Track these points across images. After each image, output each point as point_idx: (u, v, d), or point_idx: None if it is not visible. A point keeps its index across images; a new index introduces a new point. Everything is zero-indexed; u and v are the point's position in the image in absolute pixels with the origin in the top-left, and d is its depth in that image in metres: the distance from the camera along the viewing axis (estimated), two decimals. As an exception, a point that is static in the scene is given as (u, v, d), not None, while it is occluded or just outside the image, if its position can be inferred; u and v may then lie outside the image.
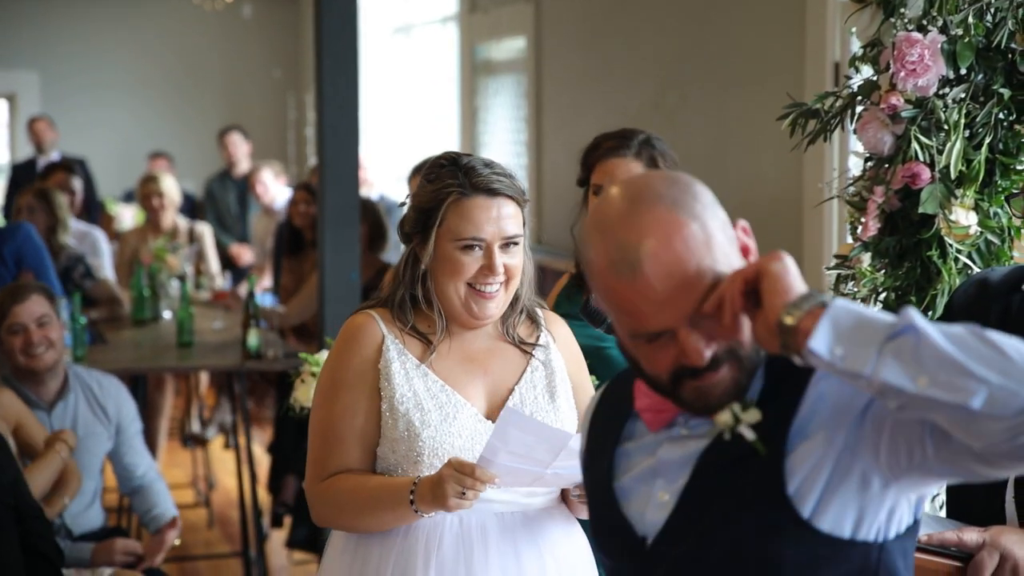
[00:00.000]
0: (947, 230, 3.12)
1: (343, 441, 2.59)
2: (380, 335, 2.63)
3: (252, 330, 5.61)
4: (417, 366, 2.62)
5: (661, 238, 1.75)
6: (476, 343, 2.69)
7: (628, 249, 1.75)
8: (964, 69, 3.13)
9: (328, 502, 2.60)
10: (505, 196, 2.61)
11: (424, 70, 10.26)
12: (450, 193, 2.59)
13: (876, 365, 1.60)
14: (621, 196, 1.81)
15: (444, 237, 2.60)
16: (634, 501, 1.91)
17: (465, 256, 2.59)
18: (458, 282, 2.61)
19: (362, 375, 2.61)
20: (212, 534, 7.10)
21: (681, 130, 5.77)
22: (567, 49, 7.31)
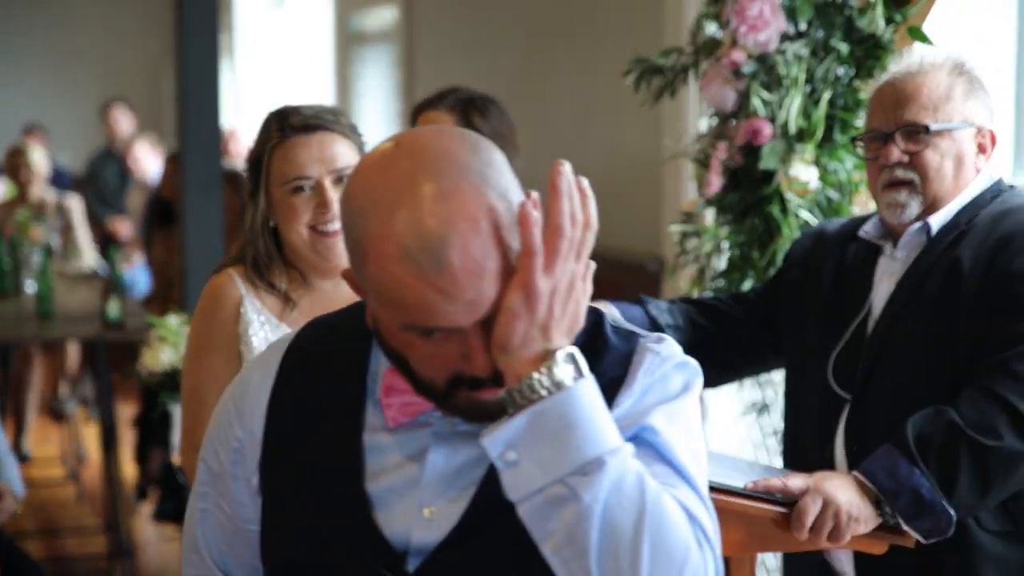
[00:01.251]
0: (788, 185, 3.14)
1: (208, 407, 2.43)
2: (238, 295, 2.53)
3: (112, 300, 5.51)
4: (277, 326, 2.54)
5: (472, 228, 1.44)
6: (338, 295, 2.56)
7: (431, 238, 1.42)
8: (804, 25, 3.15)
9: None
10: (327, 130, 2.52)
11: (299, 41, 10.16)
12: (269, 139, 2.52)
13: (528, 500, 1.43)
14: (412, 160, 1.48)
15: (274, 185, 2.51)
16: (394, 512, 1.58)
17: (296, 199, 2.49)
18: (297, 226, 2.50)
19: (222, 339, 2.53)
20: (81, 509, 6.98)
21: (549, 94, 5.77)
22: (438, 19, 7.28)
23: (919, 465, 2.29)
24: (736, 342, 2.76)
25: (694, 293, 3.36)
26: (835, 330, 2.60)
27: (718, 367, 2.72)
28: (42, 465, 7.61)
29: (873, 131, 2.58)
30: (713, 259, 3.29)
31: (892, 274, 2.57)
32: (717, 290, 3.29)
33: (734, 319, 2.76)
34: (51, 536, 6.43)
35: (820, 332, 2.63)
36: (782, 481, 2.31)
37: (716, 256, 3.29)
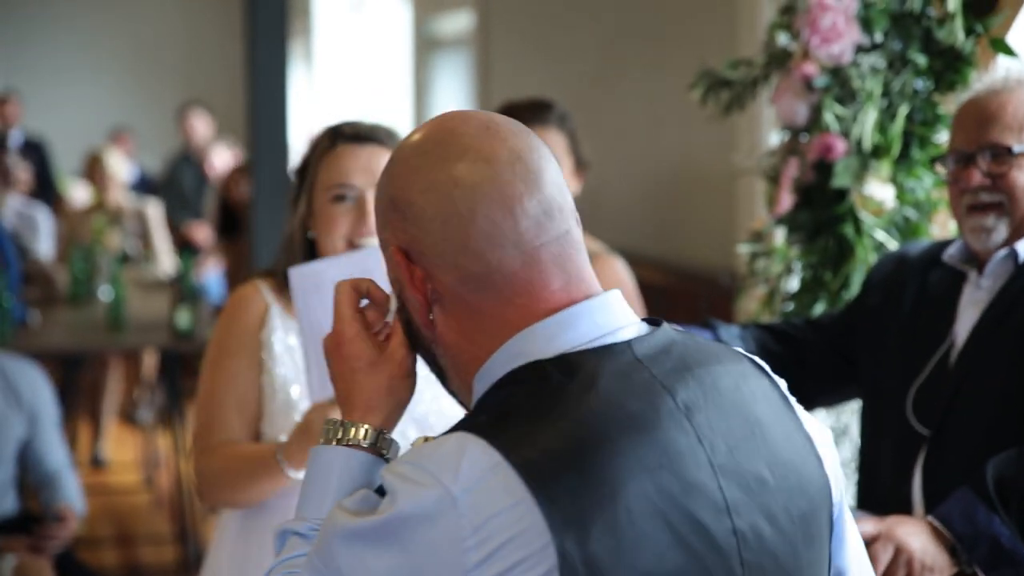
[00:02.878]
0: (862, 204, 3.00)
1: (224, 412, 2.48)
2: (264, 304, 2.51)
3: (182, 310, 5.48)
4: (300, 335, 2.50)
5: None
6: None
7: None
8: (879, 36, 3.01)
9: (206, 475, 2.47)
10: (377, 144, 2.48)
11: (378, 46, 10.14)
12: (319, 146, 2.49)
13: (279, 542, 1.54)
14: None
15: (317, 192, 2.47)
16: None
17: (336, 207, 2.45)
18: (334, 237, 2.45)
19: (243, 344, 2.49)
20: (155, 516, 6.99)
21: (620, 102, 5.67)
22: (512, 24, 7.21)
23: (999, 511, 2.16)
24: (810, 370, 2.60)
25: (763, 315, 3.23)
26: (916, 361, 2.46)
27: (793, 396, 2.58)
28: (119, 471, 7.63)
29: (955, 152, 2.44)
30: (784, 280, 3.15)
31: (977, 303, 2.42)
32: (787, 313, 3.15)
33: (808, 346, 2.62)
34: (125, 544, 6.43)
35: (899, 363, 2.49)
36: (852, 527, 2.19)
37: (786, 277, 3.15)
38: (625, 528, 1.29)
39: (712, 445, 1.37)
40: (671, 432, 1.35)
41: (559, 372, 1.36)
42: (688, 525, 1.32)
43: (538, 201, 1.40)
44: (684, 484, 1.33)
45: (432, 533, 1.28)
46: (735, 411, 1.41)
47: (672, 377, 1.39)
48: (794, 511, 1.41)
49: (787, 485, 1.41)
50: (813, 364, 2.61)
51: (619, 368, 1.37)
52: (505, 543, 1.27)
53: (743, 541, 1.36)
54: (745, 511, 1.37)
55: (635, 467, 1.31)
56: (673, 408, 1.36)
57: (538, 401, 1.34)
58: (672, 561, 1.31)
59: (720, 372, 1.43)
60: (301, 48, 11.96)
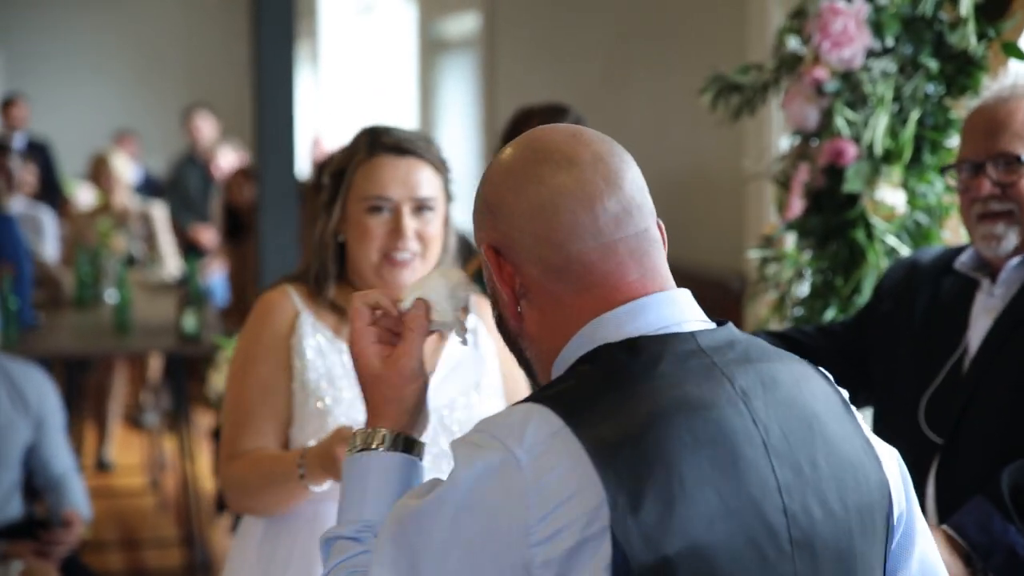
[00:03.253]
0: (873, 209, 2.99)
1: (253, 419, 2.45)
2: (294, 310, 2.49)
3: (189, 313, 5.46)
4: (331, 340, 2.48)
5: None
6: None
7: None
8: (891, 40, 2.99)
9: (231, 482, 2.45)
10: (417, 157, 2.45)
11: (383, 48, 10.13)
12: (357, 153, 2.46)
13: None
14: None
15: (352, 200, 2.45)
16: None
17: (372, 219, 2.43)
18: (369, 249, 2.44)
19: (273, 350, 2.47)
20: (162, 519, 6.97)
21: (628, 104, 5.65)
22: (519, 26, 7.19)
23: (1014, 520, 2.14)
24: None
25: (774, 320, 3.21)
26: (928, 369, 2.44)
27: None
28: (124, 474, 7.62)
29: (964, 161, 2.43)
30: (794, 286, 3.14)
31: (990, 311, 2.41)
32: (797, 318, 3.14)
33: (820, 353, 2.59)
34: (131, 547, 6.42)
35: (912, 371, 2.47)
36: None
37: (797, 282, 3.14)
38: (677, 496, 1.36)
39: (767, 428, 1.44)
40: (727, 411, 1.43)
41: (624, 353, 1.44)
42: (739, 499, 1.39)
43: (617, 199, 1.50)
44: (736, 460, 1.40)
45: (497, 493, 1.37)
46: (793, 403, 1.48)
47: (732, 366, 1.47)
48: (849, 501, 1.46)
49: (842, 475, 1.47)
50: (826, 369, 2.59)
51: (681, 353, 1.45)
52: (563, 501, 1.35)
53: (792, 520, 1.42)
54: (797, 492, 1.43)
55: (689, 441, 1.39)
56: (731, 392, 1.44)
57: (602, 378, 1.43)
58: (721, 531, 1.37)
59: (781, 368, 1.51)
60: (307, 50, 11.94)
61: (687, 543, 1.36)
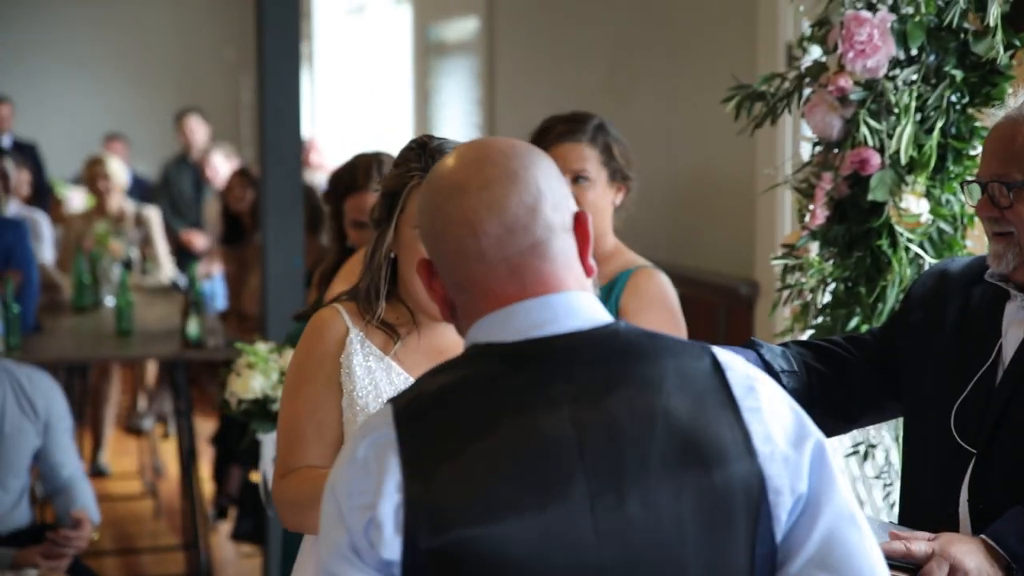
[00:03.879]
0: (897, 218, 2.99)
1: (305, 437, 2.47)
2: (344, 328, 2.50)
3: (192, 318, 5.45)
4: (381, 358, 2.49)
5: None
6: (446, 337, 2.53)
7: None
8: (915, 50, 3.00)
9: (284, 500, 2.46)
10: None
11: (378, 51, 10.08)
12: (412, 176, 2.43)
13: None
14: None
15: (407, 223, 2.44)
16: None
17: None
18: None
19: (322, 368, 2.49)
20: (158, 525, 6.95)
21: (632, 111, 5.64)
22: (519, 29, 7.17)
23: None
24: (852, 389, 2.57)
25: (796, 329, 3.21)
26: (958, 378, 2.44)
27: (834, 415, 2.55)
28: (119, 479, 7.59)
29: (975, 180, 2.44)
30: (818, 294, 3.14)
31: (1021, 321, 2.41)
32: (820, 326, 3.14)
33: (850, 363, 2.58)
34: (128, 553, 6.39)
35: (943, 380, 2.46)
36: (905, 545, 2.17)
37: (820, 291, 3.14)
38: (473, 486, 1.54)
39: (587, 428, 1.57)
40: (542, 415, 1.58)
41: (477, 352, 1.65)
42: (538, 494, 1.54)
43: (500, 222, 1.64)
44: (543, 460, 1.55)
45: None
46: (639, 402, 1.59)
47: (578, 367, 1.61)
48: (689, 491, 1.57)
49: (684, 467, 1.58)
50: (855, 381, 2.58)
51: (523, 357, 1.61)
52: (371, 480, 1.58)
53: (602, 513, 1.55)
54: (611, 487, 1.55)
55: (496, 440, 1.55)
56: (558, 395, 1.58)
57: (445, 380, 1.64)
58: (514, 523, 1.53)
59: (638, 367, 1.62)
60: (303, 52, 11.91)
61: (477, 529, 1.52)
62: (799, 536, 1.63)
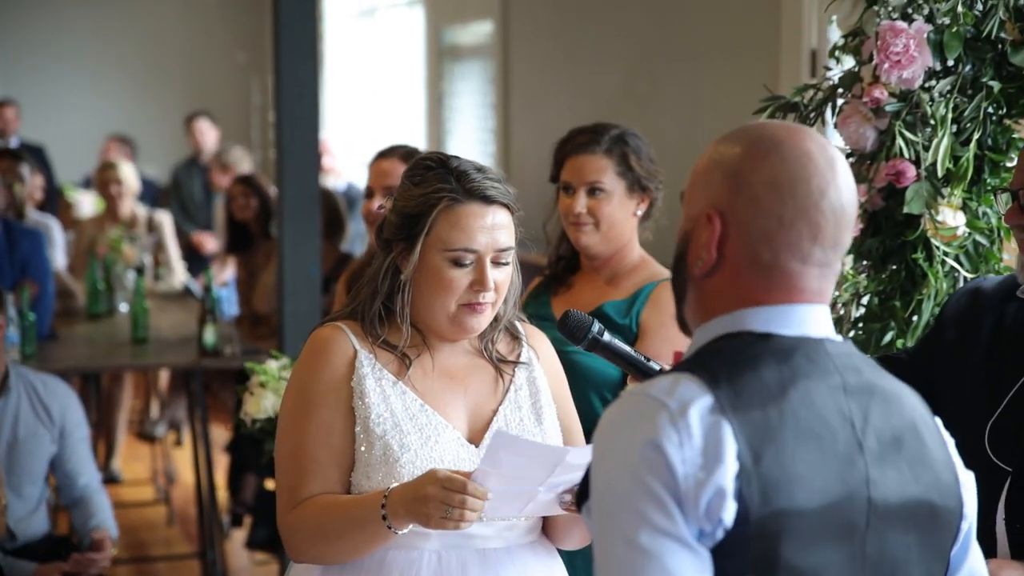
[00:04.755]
0: (933, 231, 2.95)
1: (317, 464, 2.36)
2: (352, 349, 2.41)
3: (208, 326, 5.41)
4: (394, 383, 2.40)
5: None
6: (454, 358, 2.48)
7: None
8: (951, 61, 2.96)
9: (299, 529, 2.36)
10: (499, 204, 2.39)
11: (390, 54, 10.03)
12: (441, 198, 2.35)
13: None
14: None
15: (432, 247, 2.37)
16: None
17: (454, 271, 2.36)
18: (448, 300, 2.38)
19: (334, 391, 2.38)
20: (172, 532, 6.92)
21: (652, 117, 5.60)
22: (535, 33, 7.13)
23: None
24: None
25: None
26: (993, 396, 2.42)
27: None
28: (132, 485, 7.56)
29: (1008, 188, 2.42)
30: (852, 307, 3.10)
31: None
32: (853, 340, 3.10)
33: None
34: (142, 562, 6.36)
35: (977, 398, 2.44)
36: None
37: (854, 304, 3.10)
38: (787, 465, 1.59)
39: (863, 431, 1.67)
40: (833, 411, 1.65)
41: (761, 342, 1.67)
42: (832, 481, 1.63)
43: (837, 233, 1.71)
44: (834, 451, 1.64)
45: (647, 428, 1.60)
46: (892, 414, 1.71)
47: (849, 373, 1.69)
48: (924, 501, 1.70)
49: (925, 480, 1.70)
50: None
51: (811, 353, 1.67)
52: (701, 450, 1.58)
53: (872, 507, 1.65)
54: (881, 486, 1.66)
55: (803, 427, 1.62)
56: (842, 395, 1.67)
57: (741, 356, 1.66)
58: (816, 502, 1.61)
59: (888, 384, 1.74)
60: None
61: (791, 504, 1.58)
62: (958, 563, 1.79)
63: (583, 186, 3.26)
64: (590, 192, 3.24)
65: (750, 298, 1.68)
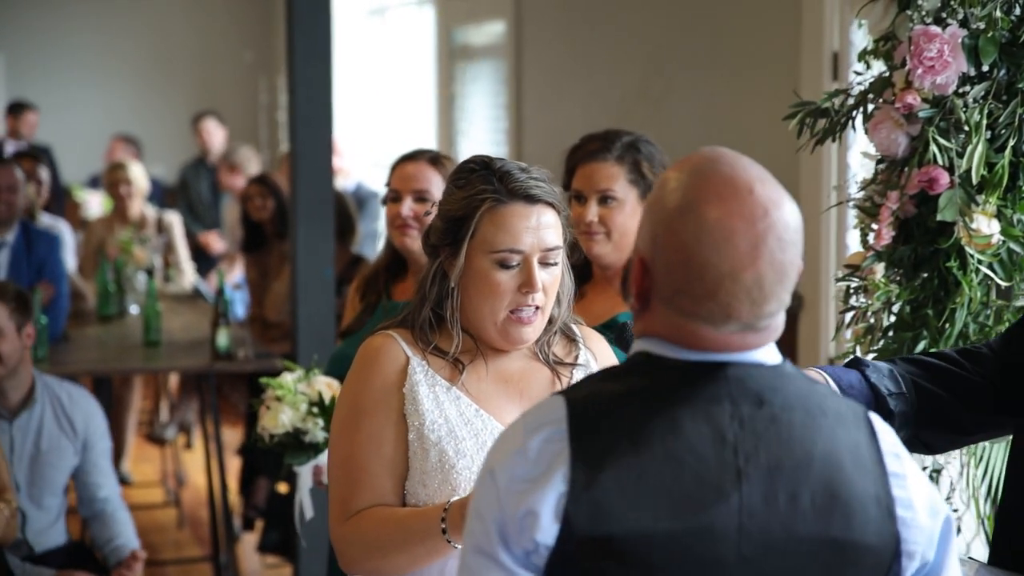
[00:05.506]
0: (967, 239, 2.91)
1: (369, 474, 2.33)
2: (403, 356, 2.38)
3: (222, 329, 5.37)
4: (448, 389, 2.37)
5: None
6: (510, 363, 2.44)
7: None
8: (986, 66, 2.92)
9: (355, 541, 2.32)
10: (544, 203, 2.36)
11: (400, 54, 9.99)
12: (484, 200, 2.33)
13: None
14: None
15: (477, 249, 2.34)
16: None
17: (501, 274, 2.33)
18: (497, 306, 2.35)
19: (385, 400, 2.35)
20: (182, 535, 6.88)
21: (667, 120, 5.56)
22: (548, 34, 7.09)
23: None
24: (968, 406, 2.42)
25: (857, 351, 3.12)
26: None
27: (948, 433, 2.42)
28: (141, 487, 7.52)
29: None
30: (884, 315, 3.06)
31: None
32: (884, 349, 3.05)
33: (965, 380, 2.43)
34: (154, 565, 6.31)
35: None
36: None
37: (884, 313, 3.06)
38: (630, 487, 1.59)
39: (748, 458, 1.61)
40: (708, 437, 1.62)
41: (646, 363, 1.68)
42: (692, 508, 1.60)
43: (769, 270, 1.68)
44: (701, 477, 1.60)
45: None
46: (795, 446, 1.63)
47: (744, 402, 1.64)
48: (826, 538, 1.63)
49: (828, 516, 1.63)
50: (971, 398, 2.42)
51: (699, 374, 1.65)
52: (540, 469, 1.63)
53: (746, 538, 1.60)
54: (759, 517, 1.61)
55: (662, 450, 1.61)
56: (725, 423, 1.62)
57: (617, 378, 1.69)
58: (664, 528, 1.59)
59: (798, 416, 1.65)
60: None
61: (627, 528, 1.58)
62: None
63: (594, 195, 3.21)
64: (601, 201, 3.18)
65: (662, 334, 1.69)
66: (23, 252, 5.86)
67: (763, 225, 1.60)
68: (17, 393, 4.19)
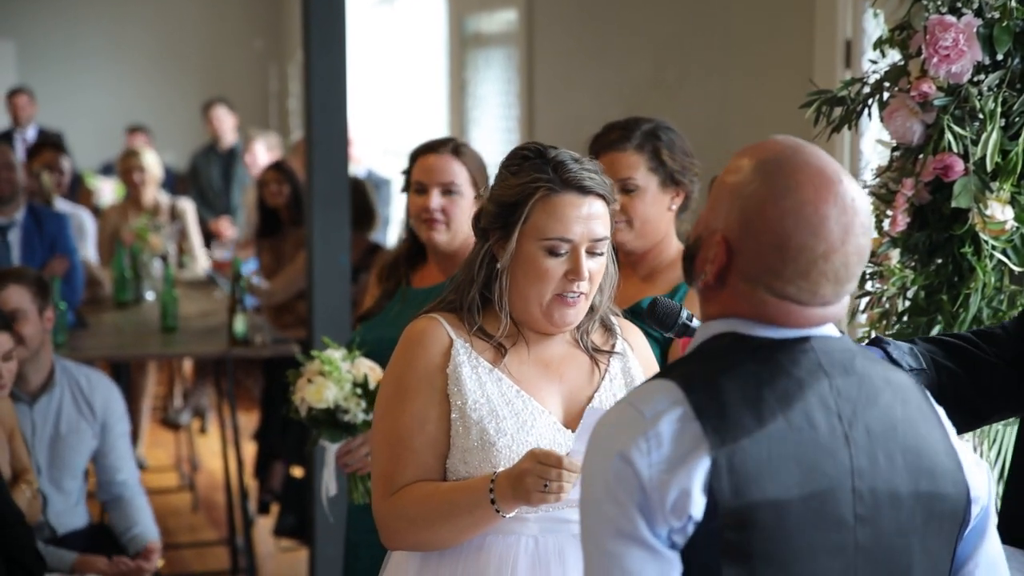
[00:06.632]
0: (982, 225, 2.95)
1: (413, 452, 2.41)
2: (448, 338, 2.45)
3: (238, 315, 5.42)
4: (490, 370, 2.44)
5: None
6: (551, 348, 2.51)
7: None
8: (1001, 55, 2.96)
9: (399, 516, 2.40)
10: (596, 195, 2.42)
11: (411, 42, 10.02)
12: (538, 188, 2.39)
13: None
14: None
15: (528, 236, 2.40)
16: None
17: (550, 260, 2.40)
18: (543, 290, 2.42)
19: (429, 380, 2.43)
20: (197, 519, 6.94)
21: (681, 108, 5.59)
22: (560, 21, 7.11)
23: None
24: (985, 386, 2.46)
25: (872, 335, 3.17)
26: None
27: (965, 414, 2.44)
28: (156, 472, 7.58)
29: None
30: (899, 301, 3.10)
31: None
32: (899, 333, 3.10)
33: (983, 360, 2.47)
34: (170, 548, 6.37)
35: None
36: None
37: (899, 298, 3.10)
38: (764, 461, 1.70)
39: (851, 423, 1.75)
40: (816, 405, 1.74)
41: (743, 343, 1.78)
42: (814, 473, 1.72)
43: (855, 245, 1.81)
44: (816, 444, 1.72)
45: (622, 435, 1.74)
46: (882, 407, 1.78)
47: (836, 369, 1.77)
48: (920, 492, 1.78)
49: (917, 471, 1.78)
50: (989, 378, 2.47)
51: (796, 352, 1.77)
52: (673, 449, 1.71)
53: (859, 499, 1.74)
54: (868, 477, 1.75)
55: (783, 423, 1.72)
56: (826, 390, 1.75)
57: (722, 358, 1.77)
58: (796, 494, 1.71)
59: (880, 378, 1.81)
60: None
61: (764, 496, 1.68)
62: (970, 547, 1.87)
63: (615, 183, 3.24)
64: (622, 189, 3.21)
65: (744, 313, 1.79)
66: (34, 230, 5.97)
67: (851, 212, 1.74)
68: (38, 377, 4.24)
